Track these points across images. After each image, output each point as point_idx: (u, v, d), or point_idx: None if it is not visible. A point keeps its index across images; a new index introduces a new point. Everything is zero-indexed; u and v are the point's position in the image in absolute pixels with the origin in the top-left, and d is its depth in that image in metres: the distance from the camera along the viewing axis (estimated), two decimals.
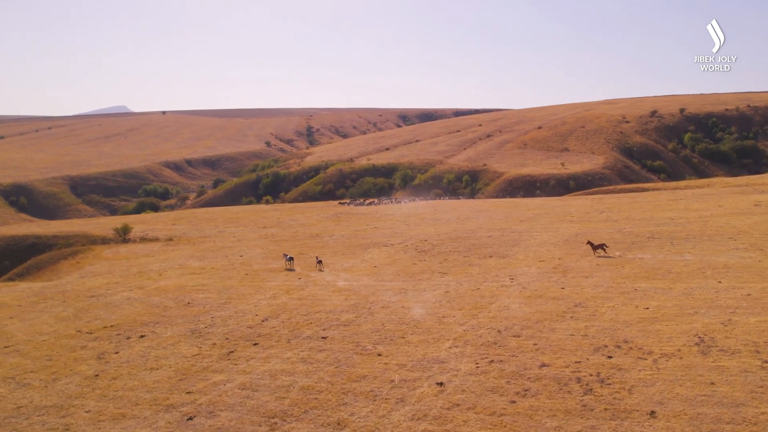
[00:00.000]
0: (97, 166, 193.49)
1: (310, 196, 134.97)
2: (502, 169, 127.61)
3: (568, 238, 40.75)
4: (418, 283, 29.69)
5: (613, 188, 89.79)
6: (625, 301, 23.26)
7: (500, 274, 30.39)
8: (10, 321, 27.67)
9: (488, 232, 46.46)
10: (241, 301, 28.26)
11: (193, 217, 78.12)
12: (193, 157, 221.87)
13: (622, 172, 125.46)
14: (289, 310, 25.73)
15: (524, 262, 33.67)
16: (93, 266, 45.11)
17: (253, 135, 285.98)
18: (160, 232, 64.77)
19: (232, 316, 25.39)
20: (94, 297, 32.03)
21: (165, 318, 25.88)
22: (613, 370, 16.53)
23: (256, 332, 22.63)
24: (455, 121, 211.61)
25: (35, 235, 69.98)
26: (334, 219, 65.23)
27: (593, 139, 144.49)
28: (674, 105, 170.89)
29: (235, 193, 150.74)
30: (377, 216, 65.89)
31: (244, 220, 71.07)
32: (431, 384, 16.43)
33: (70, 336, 24.17)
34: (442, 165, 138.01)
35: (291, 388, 16.90)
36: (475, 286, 27.90)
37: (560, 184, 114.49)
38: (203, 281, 34.40)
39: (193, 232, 62.70)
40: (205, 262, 42.08)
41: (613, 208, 58.30)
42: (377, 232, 51.46)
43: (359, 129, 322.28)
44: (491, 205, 70.81)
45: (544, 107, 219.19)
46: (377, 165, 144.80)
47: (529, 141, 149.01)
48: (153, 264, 43.18)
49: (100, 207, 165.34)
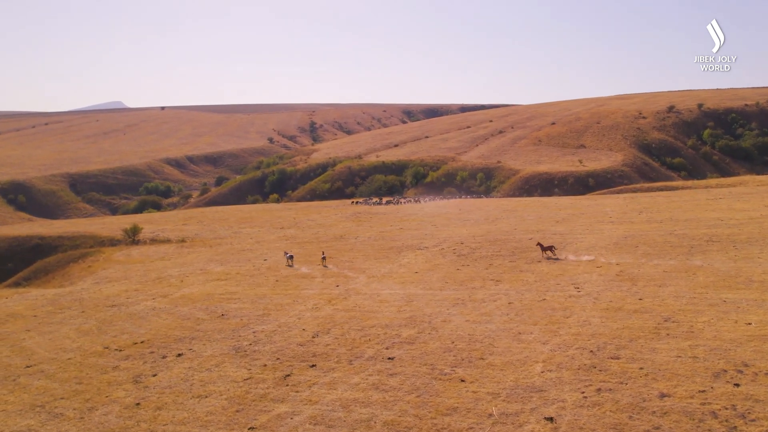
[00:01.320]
0: (97, 163, 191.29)
1: (318, 195, 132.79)
2: (518, 167, 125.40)
3: (617, 241, 38.61)
4: (472, 292, 27.54)
5: (640, 186, 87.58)
6: (719, 315, 21.11)
7: (561, 282, 28.24)
8: (28, 335, 25.54)
9: (526, 234, 44.32)
10: (281, 312, 26.11)
11: (203, 216, 75.98)
12: (195, 154, 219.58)
13: (642, 169, 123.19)
14: (339, 323, 23.59)
15: (580, 267, 31.53)
16: (106, 271, 42.97)
17: (255, 131, 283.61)
18: (171, 232, 62.67)
19: (276, 330, 23.24)
20: (115, 306, 29.90)
21: (200, 333, 23.74)
22: (748, 401, 14.38)
23: (310, 351, 20.47)
24: (464, 117, 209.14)
25: (39, 236, 67.87)
26: (354, 219, 63.06)
27: (610, 135, 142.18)
28: (691, 100, 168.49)
29: (240, 191, 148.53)
30: (399, 216, 63.73)
31: (258, 219, 68.91)
32: (539, 419, 14.28)
33: (97, 353, 22.04)
34: (454, 162, 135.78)
35: (372, 423, 14.75)
36: (539, 296, 25.76)
37: (579, 182, 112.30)
38: (231, 288, 32.27)
39: (207, 233, 60.58)
40: (227, 266, 39.93)
41: (651, 207, 56.13)
42: (405, 234, 49.30)
43: (363, 125, 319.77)
44: (518, 205, 68.61)
45: (556, 102, 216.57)
46: (387, 162, 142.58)
47: (543, 137, 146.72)
48: (171, 268, 41.04)
49: (100, 205, 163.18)
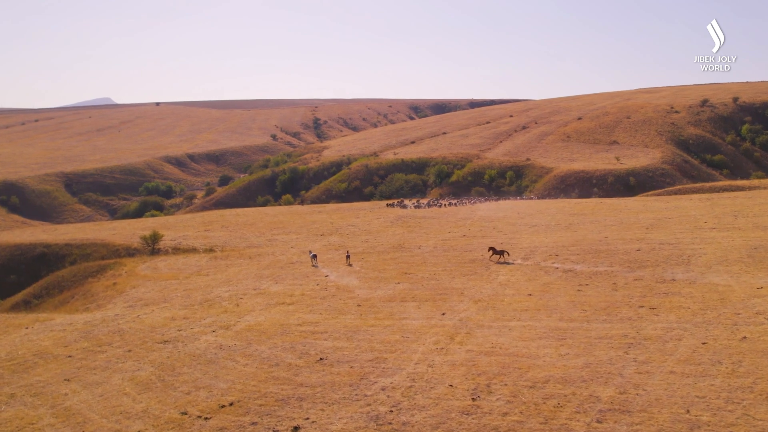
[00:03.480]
0: (92, 162, 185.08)
1: (334, 195, 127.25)
2: (549, 164, 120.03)
3: (749, 253, 33.33)
4: (633, 325, 22.11)
5: (700, 186, 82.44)
6: None
7: (741, 311, 22.84)
8: (69, 387, 19.96)
9: (625, 244, 38.99)
10: (399, 355, 20.62)
11: (225, 220, 70.32)
12: (196, 152, 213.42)
13: (682, 167, 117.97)
14: (494, 375, 18.10)
15: (740, 289, 26.18)
16: (137, 290, 37.36)
17: (257, 128, 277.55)
18: (195, 240, 57.11)
19: (412, 387, 17.73)
20: (168, 343, 24.36)
21: (307, 389, 18.21)
22: None
23: (488, 425, 14.98)
24: (482, 112, 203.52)
25: (44, 244, 62.18)
26: (402, 224, 57.54)
27: (643, 130, 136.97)
28: (723, 94, 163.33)
29: (249, 191, 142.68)
30: (452, 220, 58.27)
31: (290, 224, 63.32)
32: None
33: (177, 424, 16.49)
34: (479, 160, 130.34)
35: None
36: (731, 332, 20.41)
37: (619, 181, 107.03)
38: (307, 316, 26.76)
39: (236, 241, 55.03)
40: (285, 284, 34.40)
41: (742, 211, 50.83)
42: (475, 243, 43.85)
43: (369, 121, 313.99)
44: (582, 207, 63.15)
45: (577, 96, 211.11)
46: (406, 160, 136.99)
47: (571, 133, 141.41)
48: (216, 287, 35.46)
49: (97, 207, 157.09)
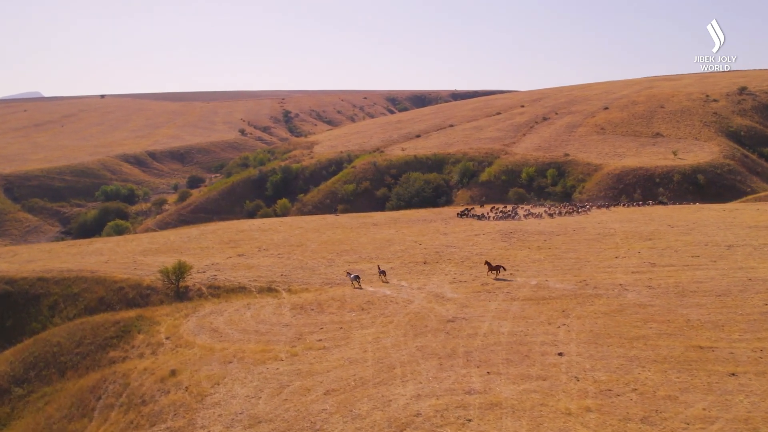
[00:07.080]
0: (36, 162, 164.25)
1: (341, 198, 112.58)
2: (595, 160, 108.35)
3: None
4: None
5: None
6: None
7: None
8: None
9: None
10: None
11: (252, 237, 54.86)
12: (156, 149, 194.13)
13: (744, 162, 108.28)
14: None
15: None
16: (220, 391, 22.29)
17: (221, 122, 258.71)
18: (233, 271, 41.97)
19: None
20: None
21: None
22: None
23: None
24: (487, 102, 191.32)
25: (5, 278, 45.71)
26: (521, 244, 43.67)
27: (685, 121, 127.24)
28: (756, 81, 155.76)
29: (234, 195, 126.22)
30: (586, 237, 44.76)
31: (352, 243, 48.56)
32: None
33: None
34: (507, 155, 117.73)
35: None
36: None
37: (686, 180, 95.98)
38: None
39: (298, 273, 40.18)
40: (509, 380, 20.15)
41: None
42: (700, 274, 30.46)
43: (345, 114, 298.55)
44: (749, 217, 50.58)
45: (592, 84, 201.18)
46: (420, 157, 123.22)
47: (605, 125, 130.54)
48: (371, 387, 20.87)
49: (46, 215, 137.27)
